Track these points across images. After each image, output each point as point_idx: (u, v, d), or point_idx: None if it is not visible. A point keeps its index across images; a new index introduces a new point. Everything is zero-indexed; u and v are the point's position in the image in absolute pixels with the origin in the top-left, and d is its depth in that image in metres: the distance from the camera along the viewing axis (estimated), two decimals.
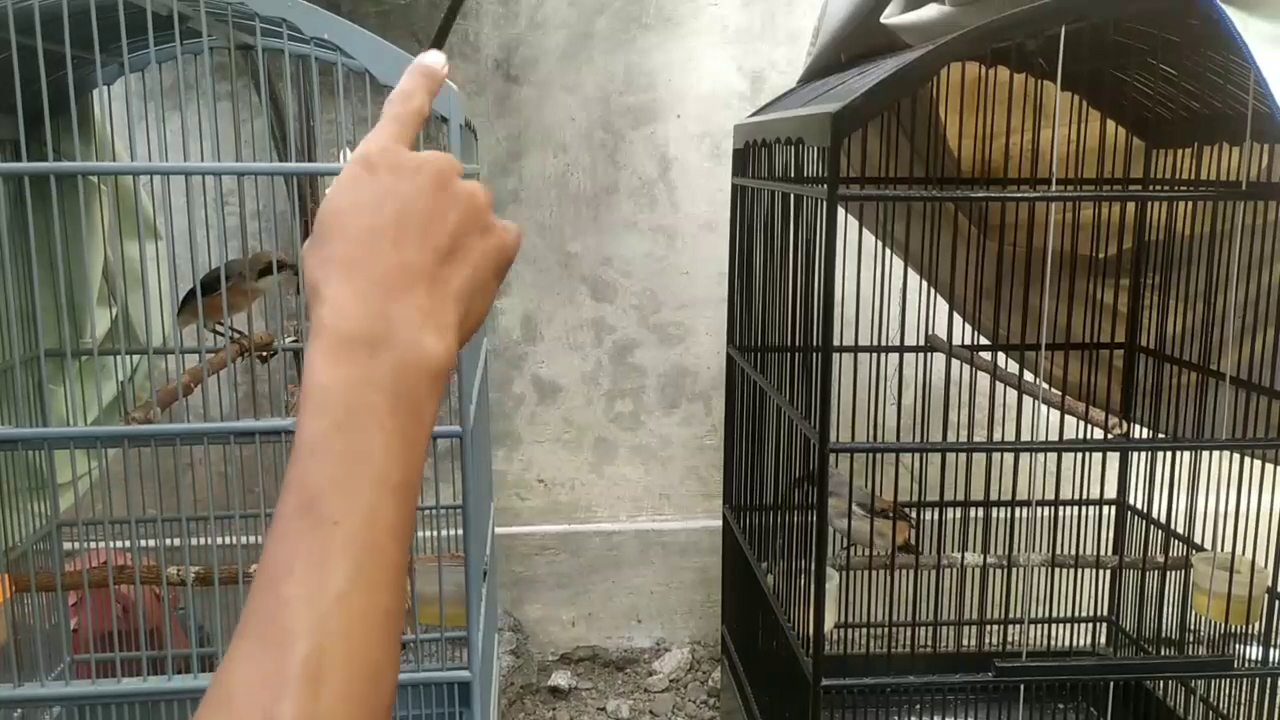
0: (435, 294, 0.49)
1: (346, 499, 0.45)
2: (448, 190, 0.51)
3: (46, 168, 1.28)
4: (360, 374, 0.47)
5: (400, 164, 0.51)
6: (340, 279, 0.48)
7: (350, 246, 0.48)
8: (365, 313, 0.47)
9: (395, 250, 0.48)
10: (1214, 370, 1.66)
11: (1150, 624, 1.86)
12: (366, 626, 0.44)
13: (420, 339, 0.48)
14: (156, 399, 1.41)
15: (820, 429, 1.42)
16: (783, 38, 2.59)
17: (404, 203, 0.50)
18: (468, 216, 0.51)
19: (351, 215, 0.49)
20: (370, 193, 0.50)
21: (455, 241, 0.51)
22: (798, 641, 1.56)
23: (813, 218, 1.49)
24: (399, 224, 0.49)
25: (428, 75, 0.55)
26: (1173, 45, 1.49)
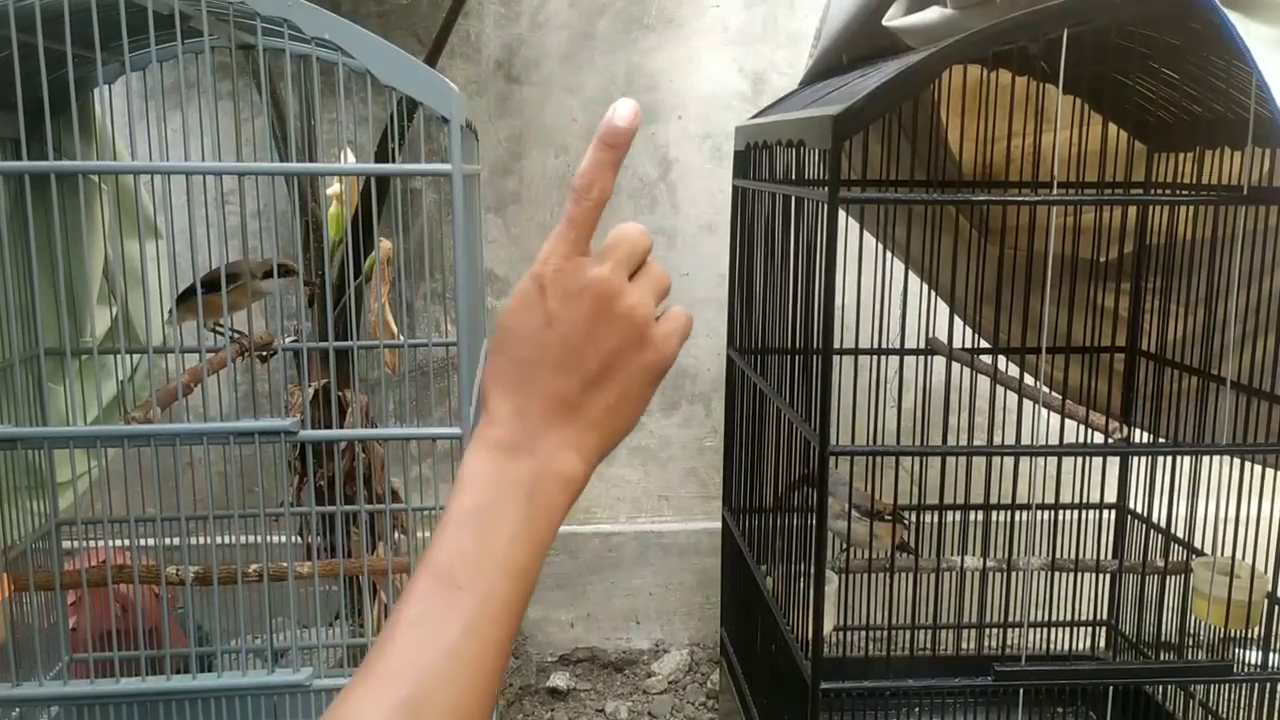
0: (580, 420, 0.55)
1: (474, 570, 0.52)
2: (607, 314, 0.55)
3: (48, 167, 1.28)
4: (505, 473, 0.54)
5: (567, 288, 0.54)
6: (502, 396, 0.55)
7: (515, 368, 0.55)
8: (517, 428, 0.55)
9: (551, 377, 0.55)
10: (1215, 375, 1.66)
11: (1150, 628, 1.86)
12: (468, 683, 0.50)
13: (560, 456, 0.55)
14: (156, 399, 1.40)
15: (820, 432, 1.42)
16: (784, 39, 2.59)
17: (565, 331, 0.54)
18: (624, 339, 0.56)
19: (519, 337, 0.55)
20: (538, 317, 0.55)
21: (608, 366, 0.56)
22: (797, 644, 1.56)
23: (813, 220, 1.49)
24: (558, 352, 0.55)
25: (613, 143, 0.56)
26: (1174, 49, 1.49)
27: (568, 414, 0.55)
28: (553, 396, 0.55)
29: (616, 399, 0.56)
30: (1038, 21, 1.31)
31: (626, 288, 0.56)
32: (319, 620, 1.53)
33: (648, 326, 0.56)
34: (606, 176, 0.56)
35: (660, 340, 0.57)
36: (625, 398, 0.57)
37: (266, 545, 1.41)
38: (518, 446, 0.55)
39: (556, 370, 0.55)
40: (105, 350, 1.73)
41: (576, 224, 0.56)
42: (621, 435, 0.58)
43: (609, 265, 0.56)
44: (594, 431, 0.56)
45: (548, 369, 0.55)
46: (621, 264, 0.56)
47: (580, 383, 0.55)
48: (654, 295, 0.57)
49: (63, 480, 1.63)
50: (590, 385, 0.55)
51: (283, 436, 1.36)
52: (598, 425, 0.56)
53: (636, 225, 0.58)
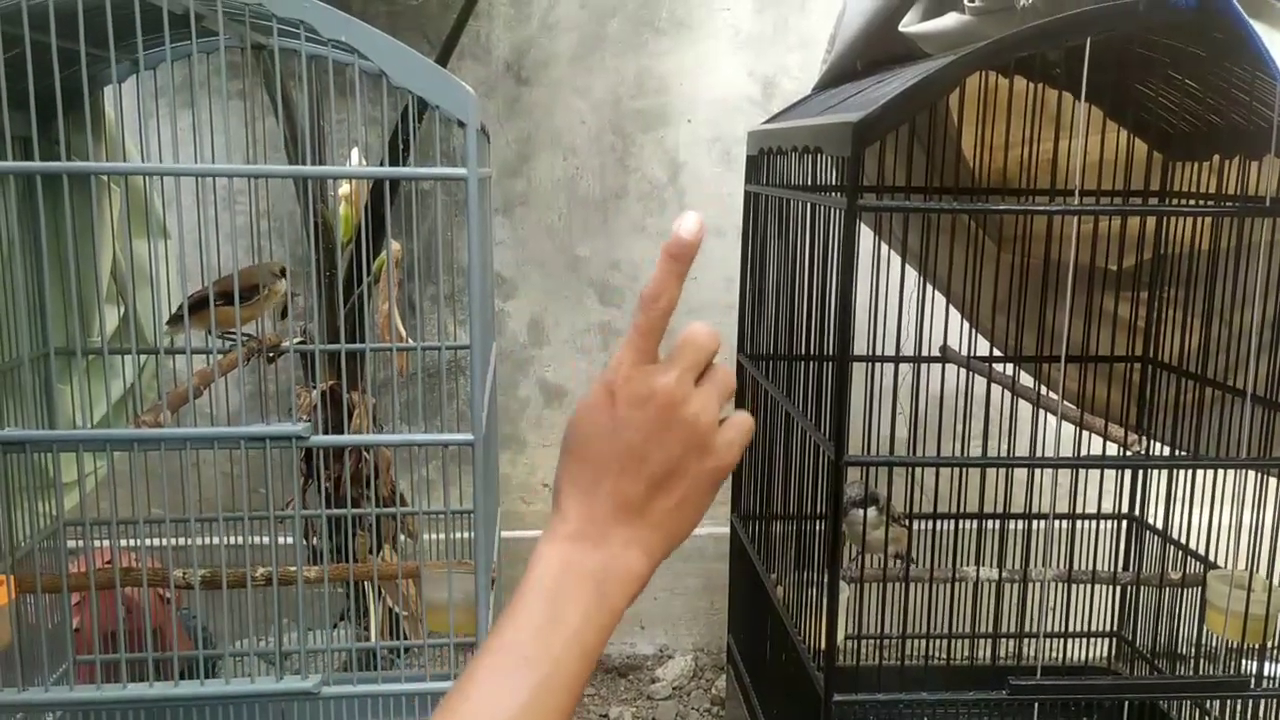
0: (644, 521, 0.60)
1: (540, 645, 0.56)
2: (672, 422, 0.59)
3: (60, 167, 1.27)
4: (576, 564, 0.59)
5: (635, 395, 0.58)
6: (573, 495, 0.60)
7: (585, 469, 0.60)
8: (588, 525, 0.59)
9: (618, 480, 0.59)
10: (1232, 387, 1.65)
11: (1162, 640, 1.85)
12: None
13: (626, 553, 0.59)
14: (167, 402, 1.39)
15: (836, 441, 1.41)
16: (795, 43, 2.58)
17: (631, 437, 0.58)
18: (687, 446, 0.59)
19: (589, 441, 0.59)
20: (607, 422, 0.59)
21: (671, 472, 0.59)
22: (808, 654, 1.55)
23: (830, 227, 1.48)
24: (624, 457, 0.59)
25: (679, 255, 0.59)
26: (1196, 59, 1.48)
27: (633, 515, 0.59)
28: (619, 498, 0.59)
29: (678, 502, 0.60)
30: (1061, 30, 1.30)
31: (691, 395, 0.59)
32: (327, 624, 1.52)
33: (710, 434, 0.60)
34: (673, 287, 0.59)
35: (722, 448, 0.61)
36: (687, 501, 0.60)
37: (275, 548, 1.40)
38: (588, 541, 0.59)
39: (623, 474, 0.59)
40: (115, 350, 1.71)
41: (643, 332, 0.59)
42: (683, 536, 0.61)
43: (675, 373, 0.59)
44: (657, 531, 0.60)
45: (615, 473, 0.59)
46: (688, 370, 0.59)
47: (645, 487, 0.59)
48: (718, 401, 0.60)
49: (68, 480, 1.62)
50: (654, 489, 0.59)
51: (293, 441, 1.34)
52: (661, 526, 0.60)
53: (705, 327, 0.60)
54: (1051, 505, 1.64)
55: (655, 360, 0.59)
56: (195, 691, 1.36)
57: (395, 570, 1.70)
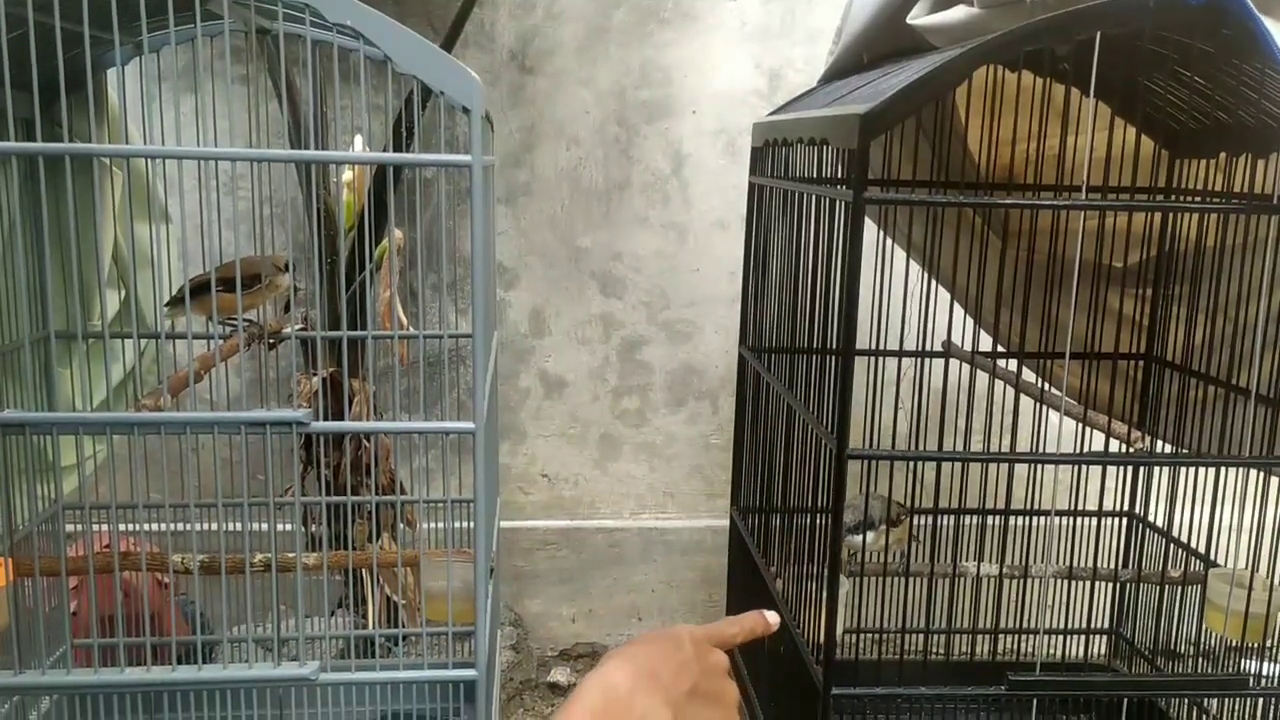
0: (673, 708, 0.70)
1: None
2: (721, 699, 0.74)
3: (63, 148, 1.26)
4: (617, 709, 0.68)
5: (710, 665, 0.75)
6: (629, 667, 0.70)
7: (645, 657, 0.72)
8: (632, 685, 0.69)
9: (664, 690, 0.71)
10: (1235, 385, 1.65)
11: (1160, 638, 1.85)
12: None
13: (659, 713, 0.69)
14: (167, 386, 1.39)
15: (838, 435, 1.40)
16: (802, 36, 2.57)
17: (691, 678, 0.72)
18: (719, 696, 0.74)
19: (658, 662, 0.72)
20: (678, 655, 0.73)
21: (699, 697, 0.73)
22: (807, 648, 1.55)
23: (835, 220, 1.47)
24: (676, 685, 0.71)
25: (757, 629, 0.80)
26: (1205, 55, 1.47)
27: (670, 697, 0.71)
28: (668, 683, 0.71)
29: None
30: (1070, 24, 1.30)
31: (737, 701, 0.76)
32: (325, 611, 1.52)
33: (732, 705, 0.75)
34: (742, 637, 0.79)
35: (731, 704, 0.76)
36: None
37: (275, 535, 1.39)
38: (635, 689, 0.69)
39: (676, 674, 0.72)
40: (116, 334, 1.71)
41: (720, 631, 0.77)
42: None
43: (723, 655, 0.76)
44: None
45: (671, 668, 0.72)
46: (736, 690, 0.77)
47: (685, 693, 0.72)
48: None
49: (67, 464, 1.61)
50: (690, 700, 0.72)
51: (294, 428, 1.34)
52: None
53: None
54: (1052, 502, 1.63)
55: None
56: (193, 676, 1.35)
57: (394, 558, 1.70)
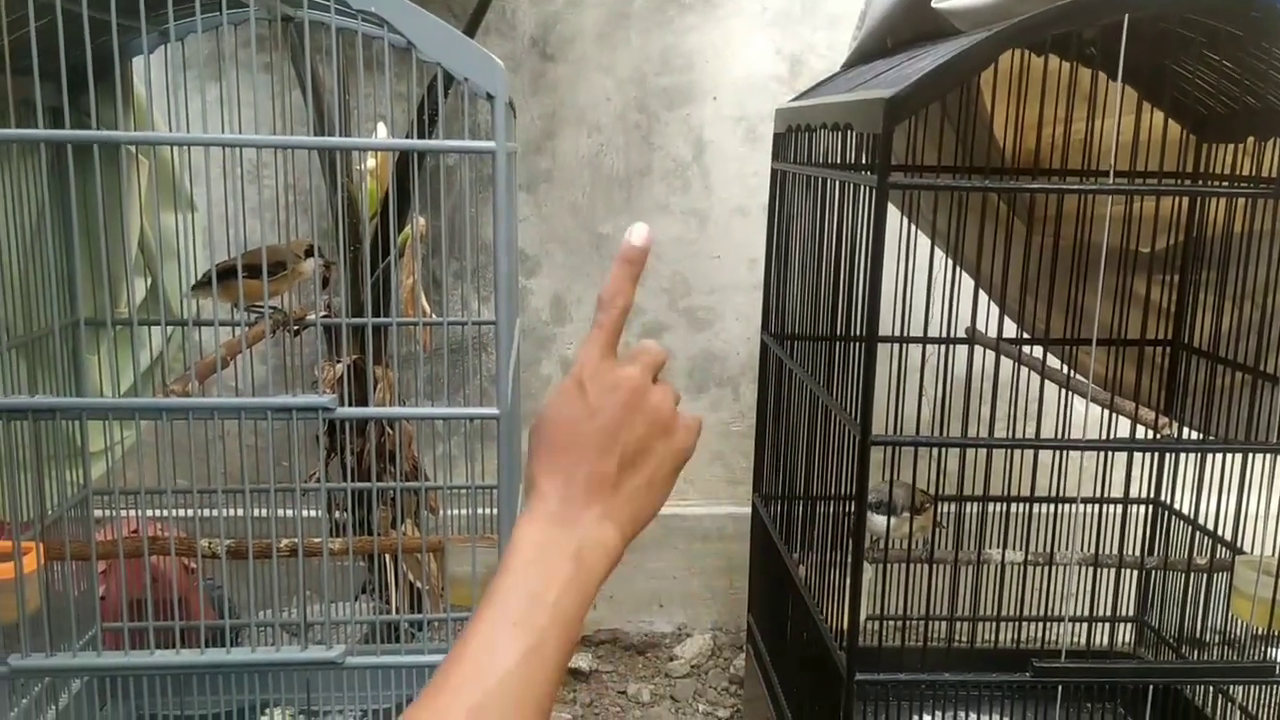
0: (617, 498, 0.65)
1: (528, 612, 0.60)
2: (639, 406, 0.65)
3: (91, 136, 1.27)
4: (555, 539, 0.63)
5: (604, 384, 0.65)
6: (549, 477, 0.64)
7: (560, 454, 0.64)
8: (564, 506, 0.64)
9: (593, 460, 0.64)
10: (1263, 371, 1.63)
11: (1186, 626, 1.84)
12: (521, 700, 0.58)
13: (601, 526, 0.64)
14: (195, 371, 1.40)
15: (862, 421, 1.40)
16: (823, 21, 2.56)
17: (604, 420, 0.64)
18: (653, 427, 0.66)
19: (564, 427, 0.65)
20: (580, 409, 0.64)
21: (639, 451, 0.65)
22: (830, 634, 1.55)
23: (859, 206, 1.47)
24: (598, 438, 0.64)
25: (631, 259, 0.67)
26: (1234, 38, 1.46)
27: (606, 492, 0.64)
28: (594, 476, 0.64)
29: (647, 480, 0.66)
30: (1098, 6, 1.28)
31: (652, 386, 0.67)
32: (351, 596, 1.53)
33: (672, 419, 0.67)
34: (628, 289, 0.67)
35: (682, 432, 0.68)
36: (653, 480, 0.67)
37: (301, 520, 1.41)
38: (565, 518, 0.63)
39: (598, 454, 0.64)
40: (144, 321, 1.72)
41: (605, 329, 0.66)
42: (650, 513, 0.67)
43: (638, 366, 0.66)
44: (628, 507, 0.65)
45: (590, 453, 0.64)
46: (647, 367, 0.66)
47: (616, 464, 0.64)
48: (672, 397, 0.68)
49: (96, 450, 1.63)
50: (625, 467, 0.65)
51: (319, 413, 1.35)
52: (630, 502, 0.66)
53: (654, 342, 0.68)
54: (1078, 489, 1.63)
55: (615, 356, 0.66)
56: (221, 659, 1.37)
57: (418, 544, 1.71)
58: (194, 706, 1.55)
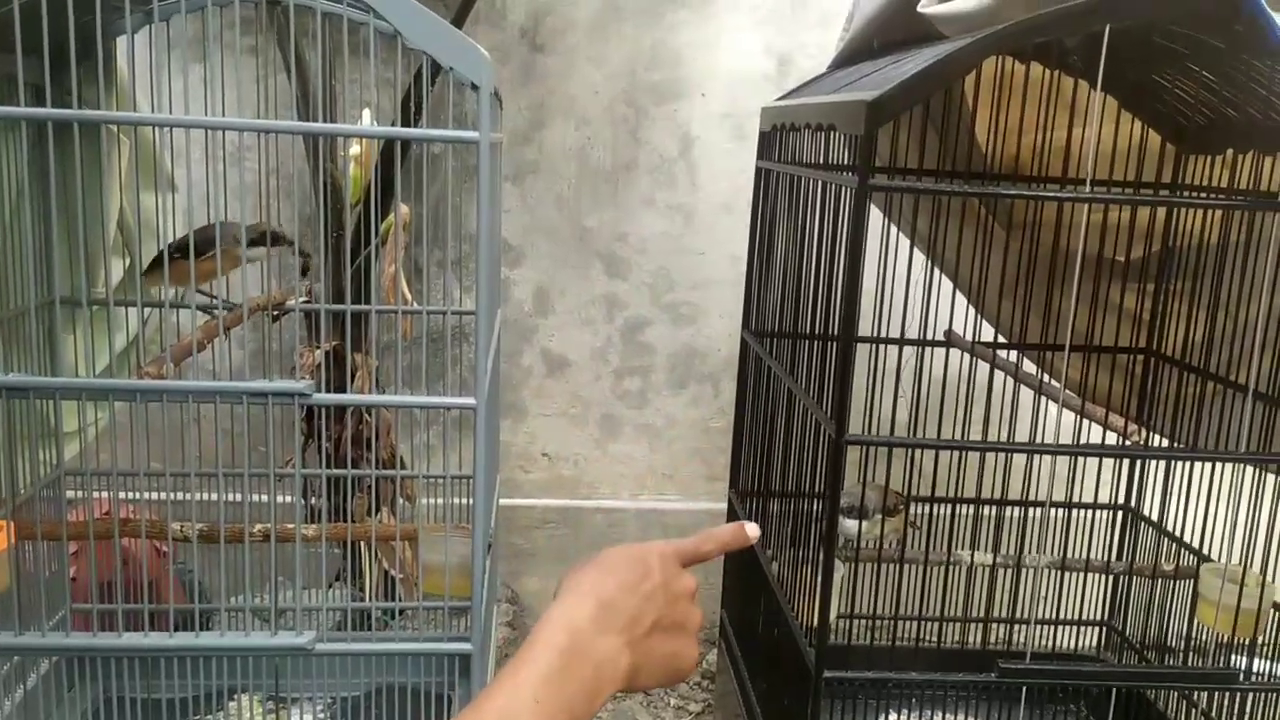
0: (638, 644, 0.72)
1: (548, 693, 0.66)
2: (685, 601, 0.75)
3: (73, 115, 1.26)
4: (584, 644, 0.69)
5: (671, 571, 0.75)
6: (597, 596, 0.71)
7: (614, 586, 0.72)
8: (602, 622, 0.71)
9: (639, 610, 0.72)
10: (1234, 381, 1.65)
11: (1152, 632, 1.86)
12: None
13: (619, 658, 0.71)
14: (170, 354, 1.39)
15: (837, 420, 1.41)
16: (813, 20, 2.57)
17: (658, 591, 0.73)
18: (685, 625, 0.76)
19: (630, 572, 0.73)
20: (647, 571, 0.74)
21: (668, 632, 0.74)
22: (801, 631, 1.56)
23: (840, 206, 1.48)
24: (647, 596, 0.73)
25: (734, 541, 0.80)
26: (1215, 50, 1.47)
27: (633, 636, 0.72)
28: (630, 620, 0.72)
29: (661, 656, 0.74)
30: (1081, 16, 1.29)
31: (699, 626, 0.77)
32: (324, 583, 1.53)
33: (695, 645, 0.77)
34: (716, 551, 0.79)
35: (697, 651, 0.77)
36: (665, 662, 0.75)
37: (275, 505, 1.40)
38: (598, 632, 0.71)
39: (644, 605, 0.72)
40: (119, 302, 1.71)
41: (692, 551, 0.77)
42: (643, 683, 0.74)
43: (693, 577, 0.77)
44: (640, 658, 0.73)
45: (638, 601, 0.72)
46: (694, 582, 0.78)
47: (652, 622, 0.73)
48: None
49: (69, 430, 1.62)
50: (655, 630, 0.73)
51: (296, 399, 1.35)
52: (644, 656, 0.73)
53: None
54: (1049, 493, 1.64)
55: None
56: (190, 643, 1.36)
57: (393, 531, 1.71)
58: (161, 690, 1.54)
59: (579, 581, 0.73)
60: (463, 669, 1.45)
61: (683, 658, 0.75)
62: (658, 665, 0.74)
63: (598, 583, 0.72)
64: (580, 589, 0.72)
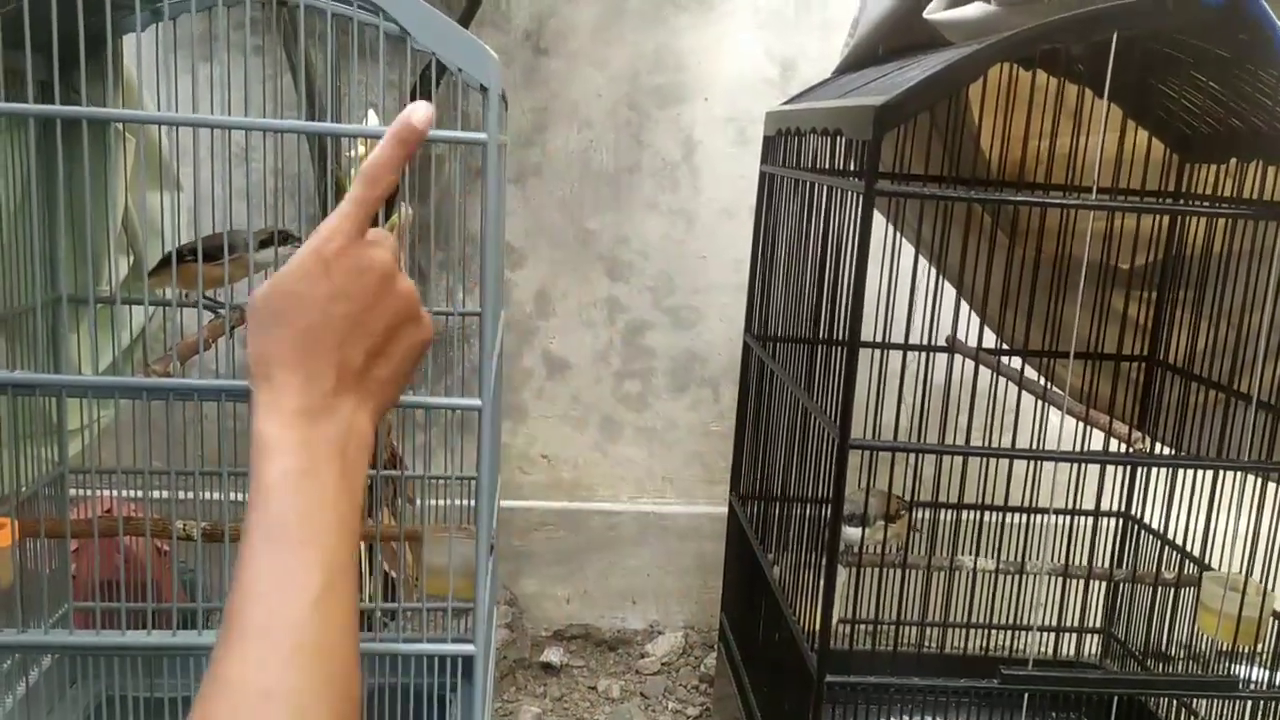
0: (365, 387, 0.60)
1: (316, 528, 0.55)
2: (388, 292, 0.60)
3: (81, 112, 1.26)
4: (315, 437, 0.57)
5: (352, 265, 0.59)
6: (289, 366, 0.57)
7: (300, 337, 0.58)
8: (314, 395, 0.57)
9: (338, 349, 0.58)
10: (1237, 390, 1.66)
11: (1152, 639, 1.86)
12: (337, 628, 0.53)
13: (357, 418, 0.59)
14: (176, 352, 1.39)
15: (841, 424, 1.41)
16: (816, 26, 2.57)
17: (349, 305, 0.58)
18: (401, 315, 0.61)
19: (304, 307, 0.58)
20: (323, 290, 0.58)
21: (386, 339, 0.61)
22: (803, 635, 1.56)
23: (844, 211, 1.48)
24: (345, 323, 0.58)
25: (407, 139, 0.61)
26: (1220, 60, 1.48)
27: (356, 381, 0.60)
28: (342, 364, 0.59)
29: (393, 371, 0.62)
30: (1088, 23, 1.30)
31: (400, 271, 0.62)
32: None
33: (419, 306, 0.63)
34: (395, 171, 0.61)
35: (427, 320, 0.64)
36: (399, 369, 0.63)
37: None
38: (319, 411, 0.58)
39: (345, 340, 0.59)
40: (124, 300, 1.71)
41: (363, 207, 0.60)
42: (392, 404, 0.63)
43: (388, 249, 0.61)
44: (376, 398, 0.61)
45: (336, 339, 0.58)
46: (394, 251, 0.61)
47: (365, 353, 0.60)
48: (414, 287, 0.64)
49: (73, 428, 1.62)
50: (373, 356, 0.60)
51: None
52: (378, 393, 0.61)
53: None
54: (1050, 500, 1.64)
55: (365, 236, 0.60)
56: (193, 641, 1.36)
57: (396, 533, 1.71)
58: (164, 689, 1.54)
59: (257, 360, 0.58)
60: (465, 671, 1.45)
61: (415, 345, 0.63)
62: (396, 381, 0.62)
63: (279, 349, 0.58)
64: (262, 371, 0.58)
